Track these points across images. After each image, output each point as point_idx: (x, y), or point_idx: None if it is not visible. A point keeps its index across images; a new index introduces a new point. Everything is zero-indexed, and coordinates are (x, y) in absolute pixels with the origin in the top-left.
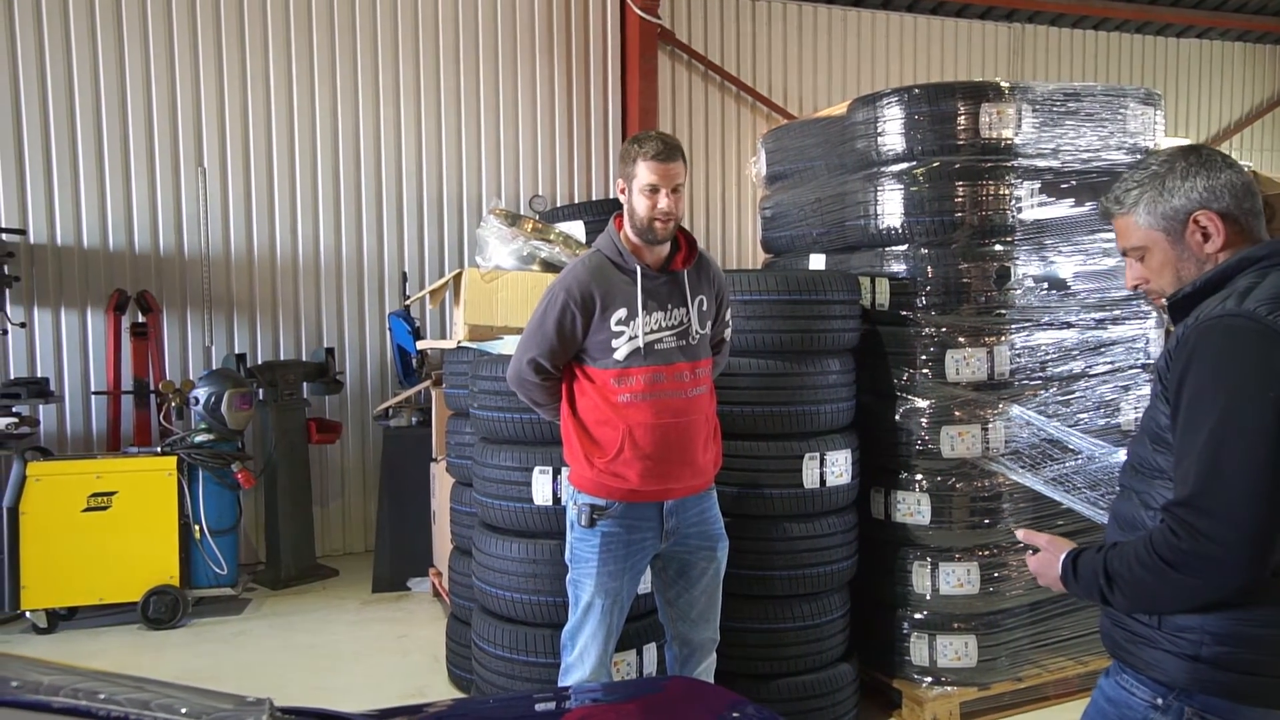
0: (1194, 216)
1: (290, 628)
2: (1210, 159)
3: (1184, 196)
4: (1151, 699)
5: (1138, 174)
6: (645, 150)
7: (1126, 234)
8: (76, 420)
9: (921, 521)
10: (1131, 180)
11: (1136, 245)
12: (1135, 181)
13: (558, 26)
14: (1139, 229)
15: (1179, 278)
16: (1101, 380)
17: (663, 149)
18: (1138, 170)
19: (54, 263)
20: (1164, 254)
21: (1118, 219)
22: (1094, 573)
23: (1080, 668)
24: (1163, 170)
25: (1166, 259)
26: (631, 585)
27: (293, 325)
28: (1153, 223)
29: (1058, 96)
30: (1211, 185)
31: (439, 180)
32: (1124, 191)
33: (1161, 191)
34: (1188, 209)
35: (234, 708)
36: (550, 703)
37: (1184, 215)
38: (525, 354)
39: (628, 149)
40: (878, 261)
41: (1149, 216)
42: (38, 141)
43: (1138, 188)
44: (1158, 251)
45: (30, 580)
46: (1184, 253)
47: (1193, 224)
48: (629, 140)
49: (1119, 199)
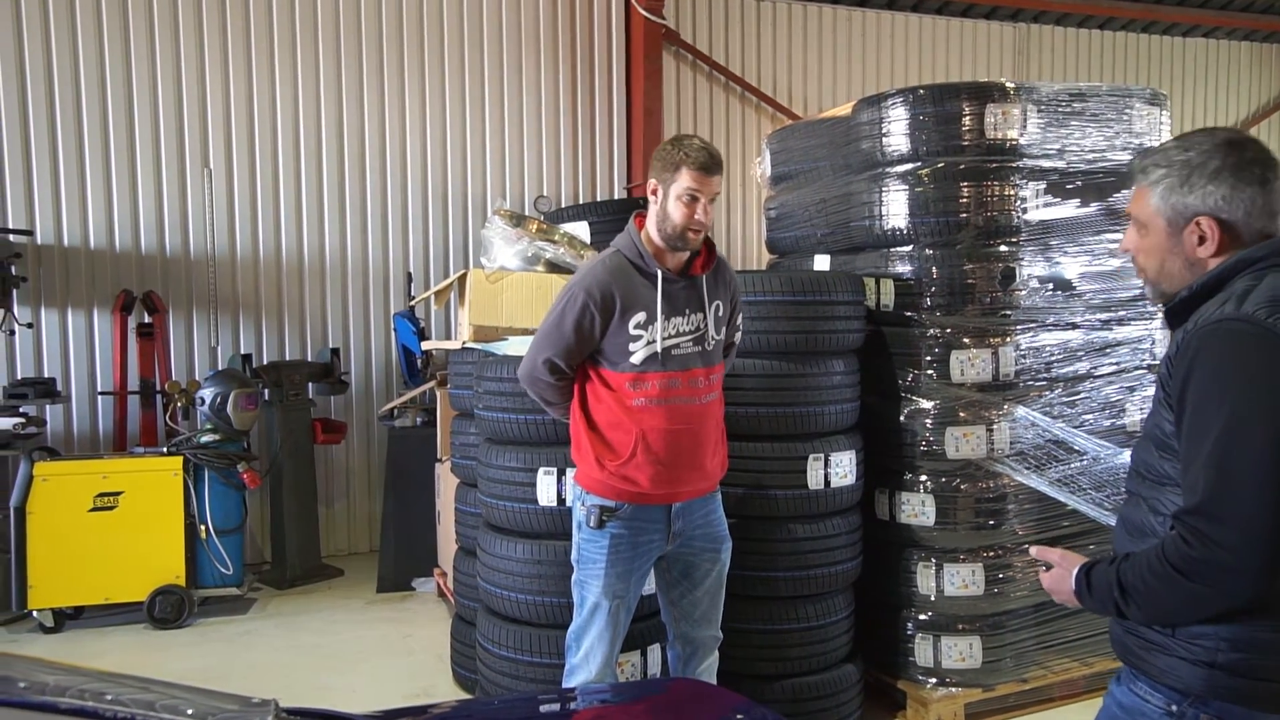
0: (1198, 219)
1: (295, 628)
2: (1247, 167)
3: (1200, 197)
4: (1166, 706)
5: (1175, 153)
6: (693, 158)
7: (1138, 202)
8: (83, 420)
9: (926, 523)
10: (1165, 157)
11: (1140, 219)
12: (1167, 161)
13: (562, 27)
14: (1148, 206)
15: (1162, 269)
16: (1107, 381)
17: (710, 159)
18: (1179, 147)
19: (61, 263)
20: (1158, 240)
21: (1138, 185)
22: (1108, 586)
23: (1085, 669)
24: (1196, 161)
25: (1158, 245)
26: (638, 586)
27: (298, 326)
28: (1161, 208)
29: (1063, 97)
30: (1232, 195)
31: (444, 181)
32: (1153, 165)
33: (1183, 183)
34: (1197, 210)
35: (239, 708)
36: (555, 704)
37: (1190, 214)
38: (541, 353)
39: (670, 152)
40: (883, 262)
41: (1161, 201)
42: (45, 143)
43: (1166, 169)
44: (1154, 235)
45: (37, 580)
46: (1175, 247)
47: (1194, 225)
48: (670, 142)
49: (1145, 170)
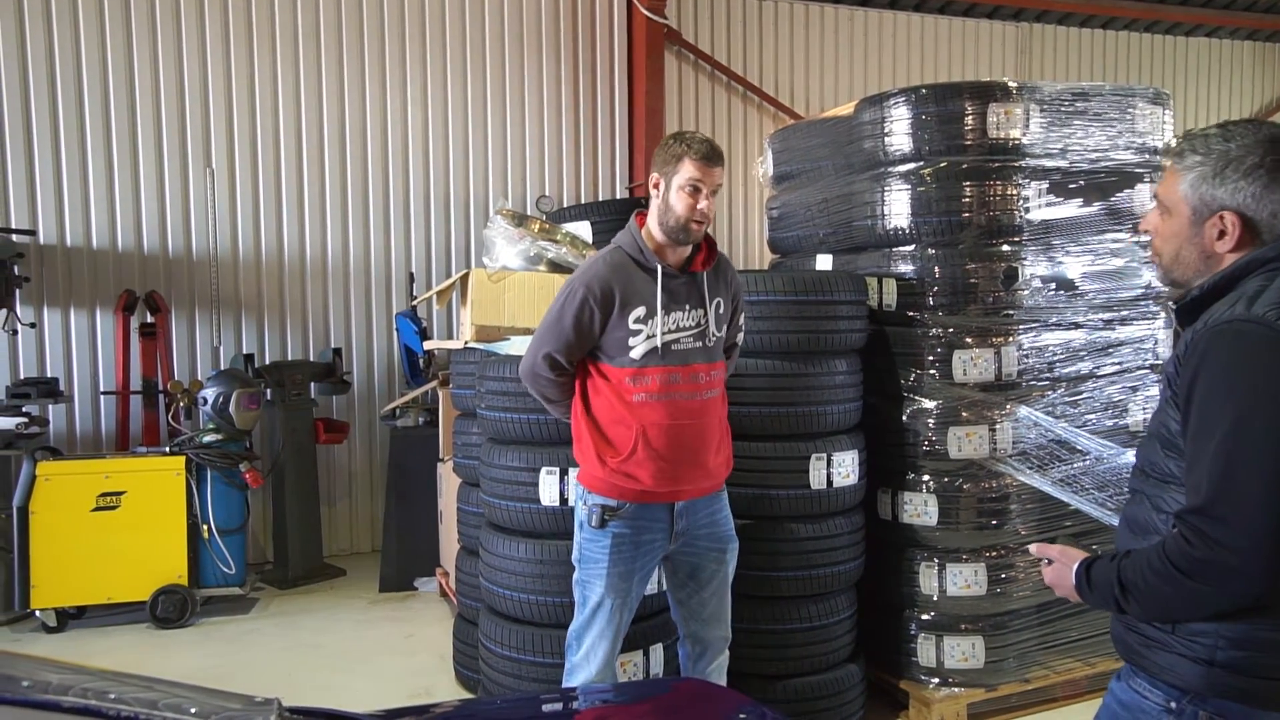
0: (1223, 213)
1: (297, 627)
2: None
3: (1230, 191)
4: (1165, 703)
5: (1215, 141)
6: (694, 149)
7: (1167, 185)
8: (85, 420)
9: (929, 522)
10: (1205, 144)
11: (1166, 202)
12: (1206, 148)
13: (564, 27)
14: (1176, 191)
15: (1178, 257)
16: (1110, 381)
17: (711, 150)
18: (1220, 136)
19: (63, 263)
20: (1179, 226)
21: (1171, 168)
22: (1108, 583)
23: (1088, 669)
24: (1235, 154)
25: (1178, 232)
26: (640, 586)
27: (300, 325)
28: (1189, 196)
29: (1066, 96)
30: (1263, 195)
31: (446, 181)
32: (1190, 150)
33: (1216, 174)
34: (1224, 204)
35: (242, 708)
36: (558, 704)
37: (1216, 207)
38: (541, 349)
39: (672, 145)
40: (885, 262)
41: (1190, 189)
42: (48, 143)
43: (1202, 156)
44: (1176, 220)
45: (40, 579)
46: (1195, 237)
47: (1217, 219)
48: (671, 136)
49: (1181, 154)
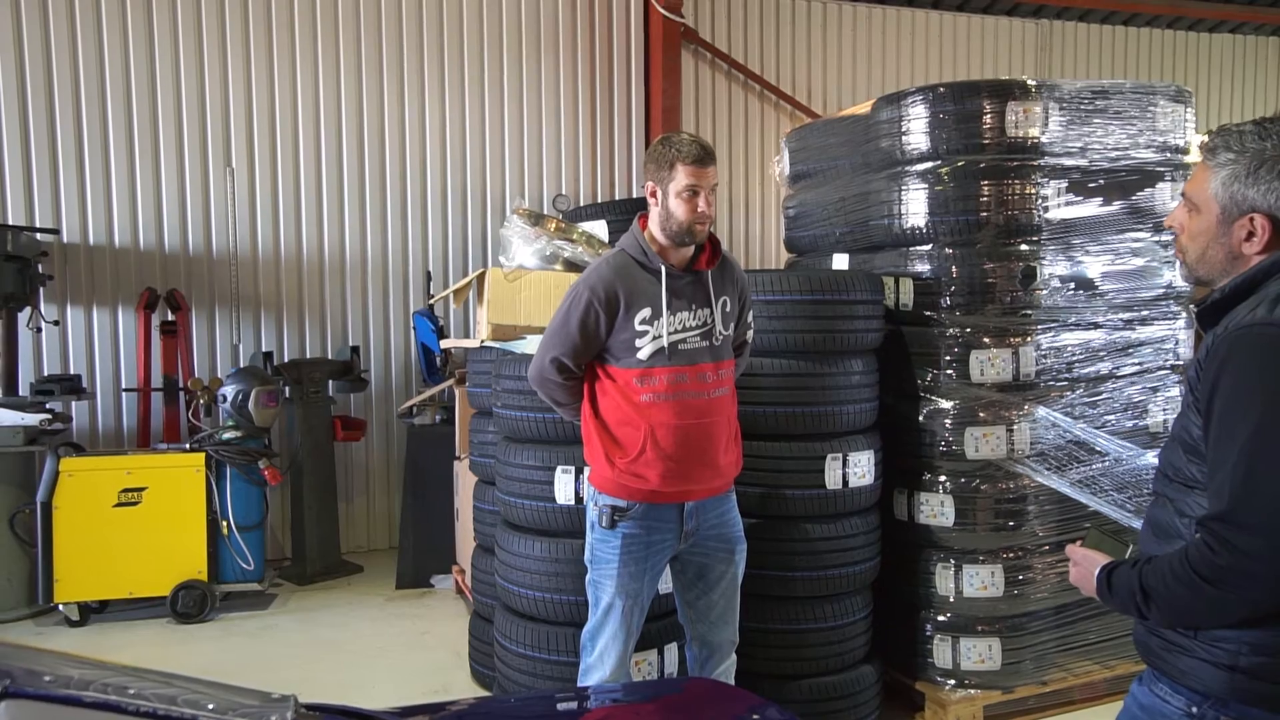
0: (1253, 214)
1: (315, 623)
2: None
3: (1263, 193)
4: (1186, 708)
5: (1250, 139)
6: (684, 154)
7: (1197, 181)
8: (108, 416)
9: (945, 523)
10: (1239, 141)
11: (1195, 199)
12: (1240, 146)
13: (581, 26)
14: (1206, 188)
15: (1204, 255)
16: (1129, 381)
17: (701, 152)
18: (1256, 134)
19: (86, 262)
20: (1207, 225)
21: (1203, 163)
22: (1130, 589)
23: (1107, 672)
24: (1270, 154)
25: (1205, 230)
26: (651, 586)
27: (319, 324)
28: (1220, 194)
29: (1086, 94)
30: None
31: (463, 180)
32: (1223, 147)
33: (1249, 173)
34: (1254, 205)
35: (259, 704)
36: (573, 702)
37: (1246, 207)
38: (548, 353)
39: (661, 152)
40: (902, 261)
41: (1221, 187)
42: (71, 144)
43: (1236, 154)
44: (1204, 219)
45: (63, 574)
46: (1223, 237)
47: (1247, 220)
48: (659, 142)
49: (1214, 150)
